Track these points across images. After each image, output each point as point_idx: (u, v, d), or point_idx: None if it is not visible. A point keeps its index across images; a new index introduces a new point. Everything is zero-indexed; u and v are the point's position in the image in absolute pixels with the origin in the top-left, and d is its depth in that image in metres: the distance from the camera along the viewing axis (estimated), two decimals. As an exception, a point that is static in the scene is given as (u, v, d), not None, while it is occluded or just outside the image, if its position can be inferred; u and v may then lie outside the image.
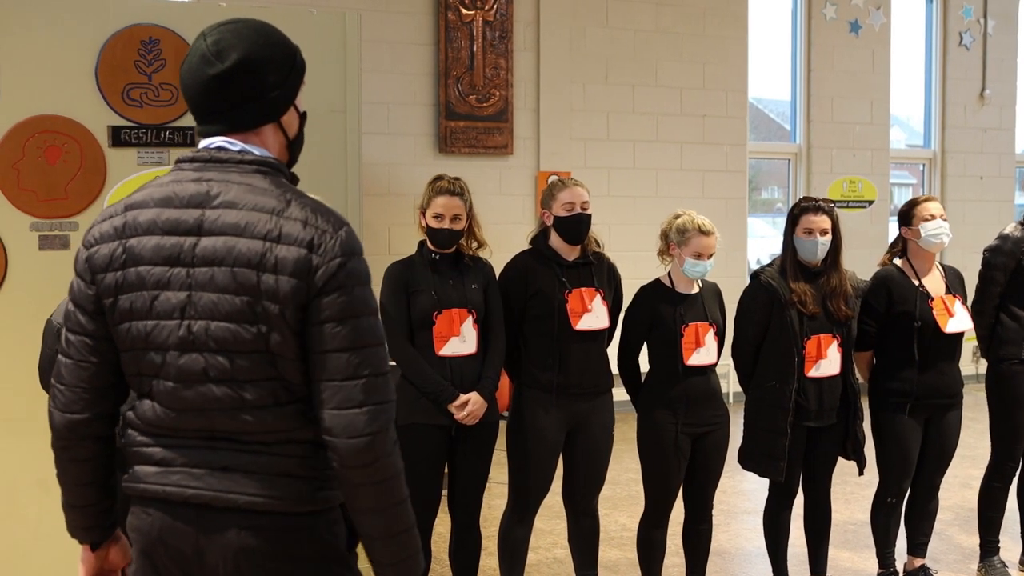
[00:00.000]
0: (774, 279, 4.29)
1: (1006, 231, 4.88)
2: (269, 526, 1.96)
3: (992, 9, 10.68)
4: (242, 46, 1.99)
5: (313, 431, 1.97)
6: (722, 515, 5.81)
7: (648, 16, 9.13)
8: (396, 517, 1.99)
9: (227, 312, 1.92)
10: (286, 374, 1.95)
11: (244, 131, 2.03)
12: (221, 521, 1.95)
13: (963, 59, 10.62)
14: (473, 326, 3.99)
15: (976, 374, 10.00)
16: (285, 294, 1.90)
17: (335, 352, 1.92)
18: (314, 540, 2.00)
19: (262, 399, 1.95)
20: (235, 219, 1.93)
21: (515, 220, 8.13)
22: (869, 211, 10.09)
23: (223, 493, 1.95)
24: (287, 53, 2.06)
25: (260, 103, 2.02)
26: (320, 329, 1.92)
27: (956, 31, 10.58)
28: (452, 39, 8.40)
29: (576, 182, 4.19)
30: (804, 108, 9.99)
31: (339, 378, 1.92)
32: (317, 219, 1.94)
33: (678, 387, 4.13)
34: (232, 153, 2.01)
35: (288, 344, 1.92)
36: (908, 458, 4.52)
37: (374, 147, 7.79)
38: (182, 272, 1.94)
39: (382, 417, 1.95)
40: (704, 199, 9.14)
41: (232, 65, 1.98)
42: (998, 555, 4.96)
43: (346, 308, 1.92)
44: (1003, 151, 10.87)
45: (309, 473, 1.98)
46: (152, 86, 4.33)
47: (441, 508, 4.11)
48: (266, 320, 1.91)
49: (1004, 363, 4.79)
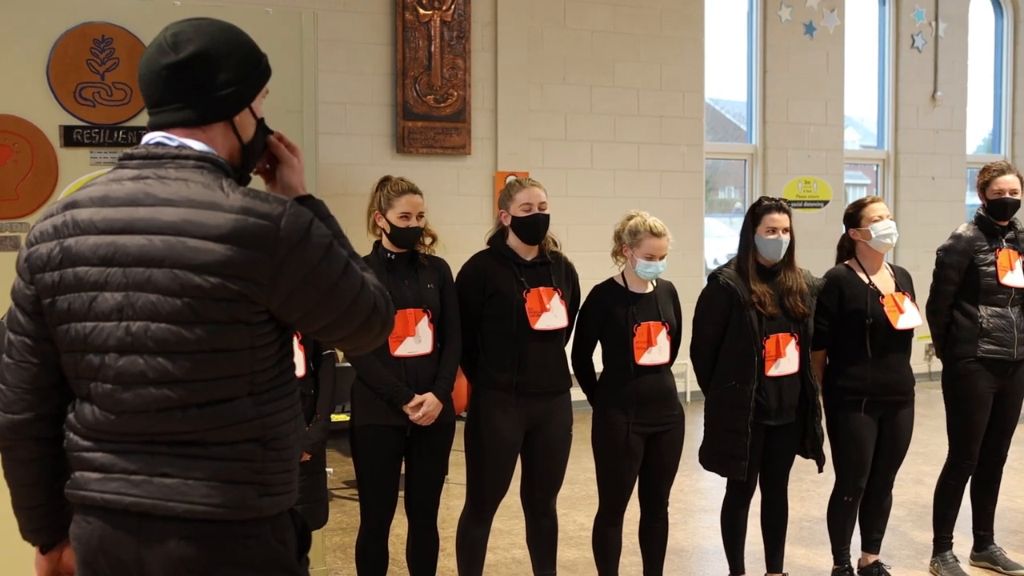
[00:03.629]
0: (733, 279, 4.32)
1: (959, 231, 4.95)
2: (211, 534, 1.91)
3: (943, 12, 10.83)
4: (200, 40, 1.97)
5: (260, 427, 1.94)
6: (679, 513, 5.85)
7: (605, 17, 9.16)
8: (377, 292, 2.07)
9: (168, 313, 1.88)
10: (234, 370, 1.92)
11: (191, 126, 1.99)
12: (161, 530, 1.90)
13: (915, 61, 10.76)
14: (428, 326, 3.99)
15: (928, 372, 10.16)
16: (229, 292, 1.87)
17: (311, 311, 1.96)
18: (260, 548, 1.95)
19: (203, 400, 1.91)
20: (171, 217, 1.89)
21: (473, 220, 8.13)
22: (824, 211, 10.20)
23: (162, 501, 1.90)
24: (248, 55, 2.04)
25: (210, 99, 1.98)
26: (287, 303, 1.93)
27: (908, 33, 10.72)
28: (410, 39, 8.38)
29: (534, 182, 4.20)
30: (760, 109, 10.07)
31: (326, 325, 1.99)
32: (256, 205, 1.90)
33: (630, 386, 4.15)
34: (169, 148, 1.97)
35: (240, 336, 1.91)
36: (864, 456, 4.57)
37: (331, 147, 7.75)
38: (119, 272, 1.90)
39: (368, 318, 2.02)
40: (661, 199, 9.19)
41: (186, 56, 1.95)
42: (951, 550, 5.03)
43: (300, 275, 1.92)
44: (954, 152, 11.02)
45: (254, 478, 1.94)
46: (105, 85, 4.28)
47: (398, 509, 4.10)
48: (211, 319, 1.88)
49: (960, 362, 4.85)
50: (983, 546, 5.12)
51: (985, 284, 4.80)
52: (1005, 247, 4.84)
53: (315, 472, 3.86)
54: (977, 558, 5.13)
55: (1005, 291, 4.82)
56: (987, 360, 4.79)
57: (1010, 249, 4.85)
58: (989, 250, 4.82)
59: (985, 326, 4.79)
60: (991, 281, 4.80)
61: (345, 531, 5.58)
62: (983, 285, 4.80)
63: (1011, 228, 4.91)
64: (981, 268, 4.80)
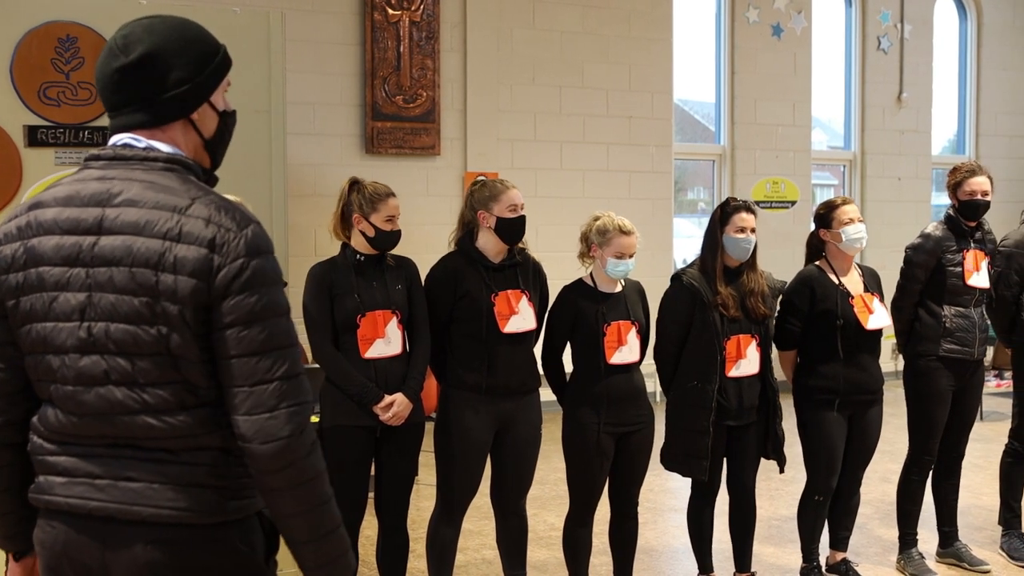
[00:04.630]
0: (696, 280, 4.34)
1: (928, 230, 4.99)
2: (177, 539, 1.89)
3: (908, 14, 10.93)
4: (150, 40, 1.94)
5: (222, 437, 1.91)
6: (649, 513, 5.87)
7: (574, 18, 9.18)
8: (320, 519, 1.94)
9: (126, 313, 1.86)
10: (190, 377, 1.88)
11: (151, 127, 1.97)
12: (127, 534, 1.88)
13: (881, 63, 10.85)
14: (398, 327, 3.98)
15: (896, 371, 10.24)
16: (184, 295, 1.84)
17: (244, 357, 1.86)
18: (227, 552, 1.93)
19: (165, 403, 1.88)
20: (135, 217, 1.86)
21: (442, 221, 8.06)
22: (792, 211, 10.26)
23: (127, 505, 1.87)
24: (203, 50, 2.00)
25: (163, 99, 1.95)
26: (226, 334, 1.86)
27: (874, 35, 10.80)
28: (378, 39, 8.36)
29: (512, 183, 4.21)
30: (728, 110, 10.12)
31: (249, 383, 1.87)
32: (221, 217, 1.87)
33: (601, 386, 4.16)
34: (137, 150, 1.95)
35: (190, 346, 1.86)
36: (835, 455, 4.61)
37: (300, 148, 7.72)
38: (81, 272, 1.88)
39: (296, 419, 1.89)
40: (630, 199, 9.22)
41: (136, 58, 1.92)
42: (916, 547, 5.08)
43: (252, 311, 1.86)
44: (920, 152, 11.12)
45: (219, 482, 1.91)
46: (70, 85, 4.24)
47: (368, 510, 4.09)
48: (165, 321, 1.85)
49: (921, 359, 4.91)
50: (948, 543, 5.17)
51: (951, 284, 4.85)
52: (973, 248, 4.89)
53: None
54: (943, 555, 5.18)
55: (970, 292, 4.87)
56: (948, 359, 4.85)
57: (977, 250, 4.90)
58: (957, 250, 4.87)
59: (948, 326, 4.84)
60: (957, 282, 4.85)
61: (314, 533, 5.54)
62: (949, 285, 4.85)
63: (979, 228, 4.96)
64: (948, 268, 4.85)
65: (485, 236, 4.14)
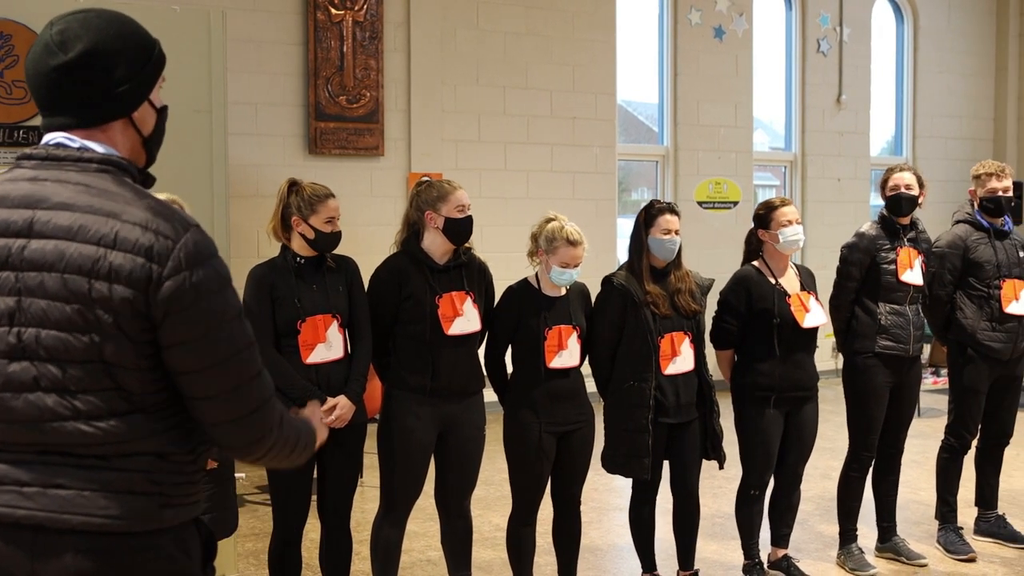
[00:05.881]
0: (626, 281, 4.38)
1: (863, 229, 5.08)
2: (110, 547, 1.84)
3: (847, 17, 11.09)
4: (89, 37, 1.89)
5: (158, 442, 1.88)
6: (593, 512, 5.89)
7: (518, 18, 9.19)
8: (299, 444, 2.05)
9: (57, 320, 1.81)
10: (125, 384, 1.85)
11: (89, 127, 1.92)
12: (57, 544, 1.82)
13: (821, 65, 10.99)
14: (339, 330, 3.95)
15: (835, 369, 10.38)
16: (119, 303, 1.80)
17: (200, 371, 1.85)
18: (162, 560, 1.89)
19: (97, 410, 1.84)
20: (68, 222, 1.81)
21: (386, 222, 8.04)
22: (734, 211, 10.36)
23: (56, 514, 1.82)
24: (141, 45, 1.96)
25: (106, 98, 1.91)
26: (178, 351, 1.84)
27: (814, 38, 10.95)
28: (321, 39, 8.30)
29: (458, 183, 4.20)
30: (671, 111, 10.19)
31: (214, 393, 1.86)
32: (159, 223, 1.83)
33: (540, 388, 4.17)
34: (71, 151, 1.90)
35: (126, 354, 1.83)
36: (770, 451, 4.67)
37: (241, 148, 7.64)
38: (11, 276, 1.83)
39: (262, 419, 1.91)
40: (574, 200, 9.25)
41: (76, 56, 1.87)
42: (856, 542, 5.16)
43: (201, 324, 1.84)
44: (858, 154, 11.29)
45: (155, 488, 1.87)
46: (4, 83, 4.17)
47: (311, 513, 4.06)
48: (99, 329, 1.81)
49: (859, 356, 4.99)
50: (887, 537, 5.26)
51: (885, 282, 4.94)
52: (906, 246, 4.99)
53: (224, 480, 3.80)
54: (882, 549, 5.27)
55: (904, 288, 4.96)
56: (884, 356, 4.93)
57: (910, 248, 5.00)
58: (890, 248, 4.96)
59: (884, 323, 4.92)
60: (891, 279, 4.94)
61: (258, 536, 5.50)
62: (883, 283, 4.94)
63: (913, 228, 5.06)
64: (882, 266, 4.94)
65: (431, 237, 4.13)
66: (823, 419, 4.87)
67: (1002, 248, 5.20)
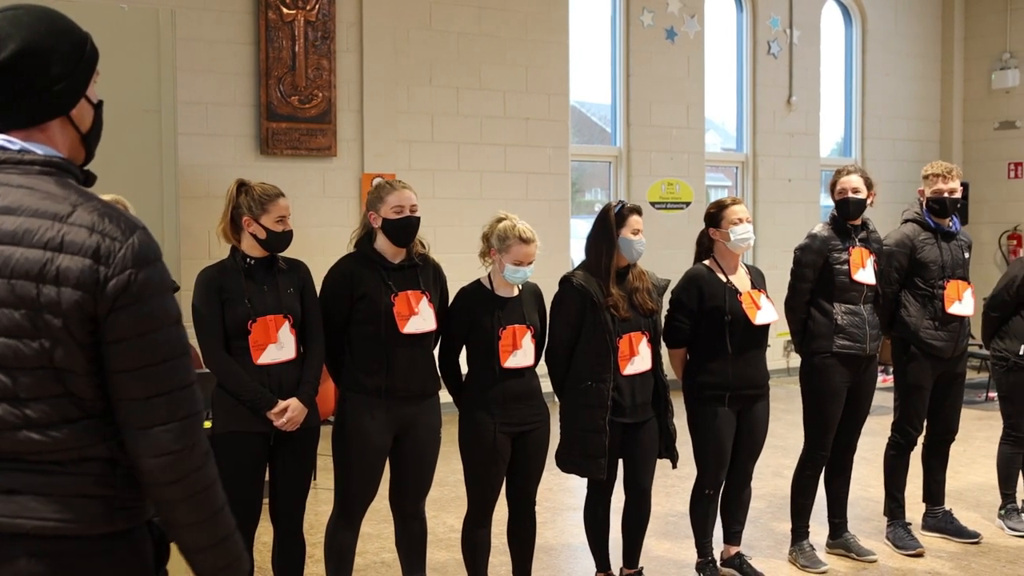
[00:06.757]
0: (586, 282, 4.39)
1: (815, 230, 5.14)
2: (63, 551, 1.82)
3: (797, 20, 11.21)
4: (21, 35, 1.84)
5: (109, 448, 1.86)
6: (548, 512, 5.91)
7: (471, 19, 9.19)
8: (215, 526, 1.92)
9: (6, 327, 1.78)
10: (76, 390, 1.82)
11: (26, 127, 1.88)
12: (9, 549, 1.80)
13: (771, 67, 11.11)
14: (290, 331, 3.93)
15: (787, 368, 10.51)
16: (68, 307, 1.77)
17: (133, 371, 1.82)
18: (115, 563, 1.88)
19: (48, 417, 1.81)
20: (13, 227, 1.78)
21: (339, 223, 8.05)
22: (687, 212, 10.44)
23: (8, 518, 1.80)
24: (75, 41, 1.92)
25: (43, 97, 1.87)
26: (115, 348, 1.81)
27: (765, 40, 11.06)
28: (273, 39, 8.25)
29: (404, 184, 4.18)
30: (624, 112, 10.24)
31: (140, 397, 1.82)
32: (105, 224, 1.80)
33: (495, 388, 4.17)
34: (11, 153, 1.86)
35: (76, 359, 1.80)
36: (724, 449, 4.71)
37: (192, 148, 7.56)
38: None
39: (189, 431, 1.86)
40: (528, 201, 9.27)
41: (9, 57, 1.83)
42: (808, 539, 5.21)
43: (141, 323, 1.81)
44: (808, 155, 11.42)
45: (106, 492, 1.86)
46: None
47: (264, 516, 4.04)
48: (48, 335, 1.78)
49: (816, 356, 5.04)
50: (838, 533, 5.33)
51: (839, 282, 5.00)
52: (858, 246, 5.05)
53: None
54: (832, 545, 5.33)
55: (857, 288, 5.02)
56: (841, 355, 4.99)
57: (862, 248, 5.06)
58: (843, 249, 5.02)
59: (840, 323, 4.98)
60: (844, 279, 5.00)
61: (210, 541, 5.44)
62: (837, 283, 5.00)
63: (864, 228, 5.12)
64: (835, 267, 5.00)
65: (380, 237, 4.12)
66: (774, 417, 4.92)
67: (948, 249, 5.28)
